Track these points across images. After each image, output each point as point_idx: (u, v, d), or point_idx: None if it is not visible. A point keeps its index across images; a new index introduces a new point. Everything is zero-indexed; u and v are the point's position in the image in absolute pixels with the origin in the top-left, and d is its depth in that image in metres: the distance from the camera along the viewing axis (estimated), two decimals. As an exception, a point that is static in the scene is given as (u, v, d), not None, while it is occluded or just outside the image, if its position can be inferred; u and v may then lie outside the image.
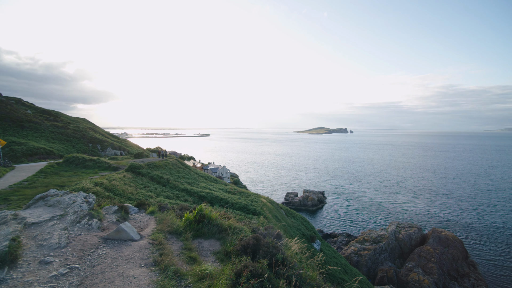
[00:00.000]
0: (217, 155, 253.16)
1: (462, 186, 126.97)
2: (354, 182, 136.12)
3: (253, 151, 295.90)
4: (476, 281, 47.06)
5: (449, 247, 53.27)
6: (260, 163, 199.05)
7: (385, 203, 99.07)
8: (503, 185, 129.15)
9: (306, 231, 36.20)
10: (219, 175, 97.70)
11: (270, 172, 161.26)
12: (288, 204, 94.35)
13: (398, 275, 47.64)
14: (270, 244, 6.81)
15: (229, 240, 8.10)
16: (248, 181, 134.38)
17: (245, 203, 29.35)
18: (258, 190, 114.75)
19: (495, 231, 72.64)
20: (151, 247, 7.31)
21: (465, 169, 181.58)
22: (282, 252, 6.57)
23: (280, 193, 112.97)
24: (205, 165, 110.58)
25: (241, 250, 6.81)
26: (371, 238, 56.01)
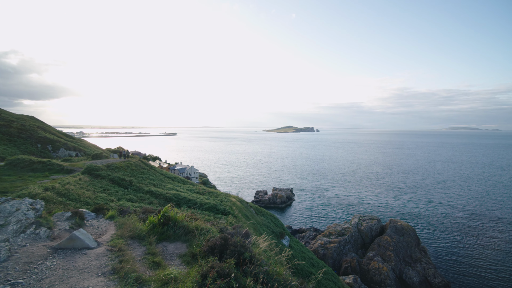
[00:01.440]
0: (185, 154, 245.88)
1: (415, 180, 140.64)
2: (320, 178, 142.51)
3: (223, 150, 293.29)
4: (427, 265, 52.55)
5: (404, 236, 58.65)
6: (229, 162, 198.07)
7: (348, 198, 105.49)
8: (448, 178, 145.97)
9: (275, 228, 36.98)
10: (187, 176, 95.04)
11: (240, 171, 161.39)
12: (258, 203, 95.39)
13: (361, 264, 51.15)
14: (238, 243, 6.82)
15: (195, 242, 7.92)
16: (218, 180, 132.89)
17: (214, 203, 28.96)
18: (227, 189, 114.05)
19: (442, 219, 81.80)
20: (110, 254, 6.84)
21: (417, 164, 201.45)
22: (250, 250, 6.61)
23: (250, 191, 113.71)
24: (172, 166, 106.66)
25: (208, 251, 6.72)
26: (336, 231, 59.23)
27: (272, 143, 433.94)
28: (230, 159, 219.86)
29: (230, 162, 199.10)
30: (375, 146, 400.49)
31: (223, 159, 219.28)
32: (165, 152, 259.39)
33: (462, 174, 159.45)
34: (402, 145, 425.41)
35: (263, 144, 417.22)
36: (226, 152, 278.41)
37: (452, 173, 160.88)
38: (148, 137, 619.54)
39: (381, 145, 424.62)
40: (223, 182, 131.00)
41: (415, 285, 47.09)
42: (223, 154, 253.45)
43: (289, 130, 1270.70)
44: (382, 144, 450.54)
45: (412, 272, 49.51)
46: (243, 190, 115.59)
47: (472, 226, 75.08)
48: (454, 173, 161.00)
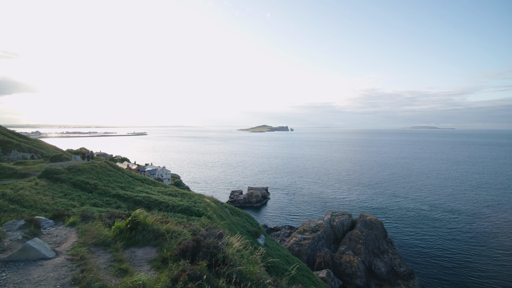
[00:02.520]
0: (156, 155, 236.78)
1: (382, 176, 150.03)
2: (295, 177, 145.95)
3: (196, 150, 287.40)
4: (393, 255, 56.40)
5: (373, 229, 62.32)
6: (204, 163, 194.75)
7: (322, 195, 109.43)
8: (411, 173, 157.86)
9: (251, 228, 37.15)
10: (158, 177, 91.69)
11: (215, 171, 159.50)
12: (233, 202, 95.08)
13: (333, 258, 53.40)
14: (211, 244, 6.75)
15: (166, 246, 7.68)
16: (191, 181, 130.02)
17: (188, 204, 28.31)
18: (202, 190, 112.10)
19: (406, 211, 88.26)
20: (70, 264, 6.37)
21: (384, 161, 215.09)
22: (223, 251, 6.58)
23: (225, 192, 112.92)
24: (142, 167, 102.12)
25: (180, 254, 6.56)
26: (310, 228, 61.14)
27: (247, 143, 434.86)
28: (204, 159, 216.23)
29: (204, 162, 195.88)
30: (346, 144, 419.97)
31: (197, 159, 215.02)
32: (134, 153, 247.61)
33: (423, 169, 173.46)
34: (370, 143, 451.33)
35: (238, 143, 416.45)
36: (200, 152, 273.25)
37: (414, 169, 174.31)
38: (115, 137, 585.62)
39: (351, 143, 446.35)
40: (197, 183, 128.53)
41: (383, 275, 50.30)
42: (197, 154, 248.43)
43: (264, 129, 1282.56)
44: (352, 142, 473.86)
45: (380, 263, 52.80)
46: (218, 191, 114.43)
47: (432, 217, 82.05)
48: (416, 169, 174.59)
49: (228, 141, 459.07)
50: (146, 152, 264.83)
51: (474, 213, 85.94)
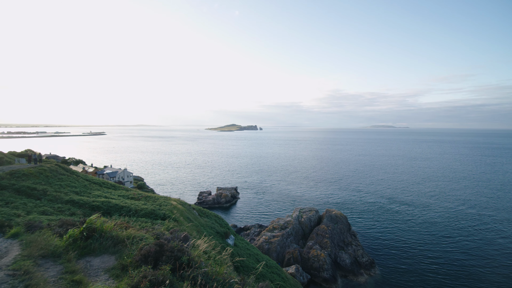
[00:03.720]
0: (117, 156, 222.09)
1: (346, 172, 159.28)
2: (264, 176, 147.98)
3: (162, 151, 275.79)
4: (356, 247, 60.28)
5: (338, 223, 65.90)
6: (170, 164, 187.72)
7: (290, 192, 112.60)
8: (371, 169, 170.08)
9: (220, 229, 36.84)
10: (119, 180, 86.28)
11: (182, 172, 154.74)
12: (202, 204, 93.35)
13: (302, 254, 55.35)
14: (175, 247, 6.59)
15: (126, 252, 7.29)
16: (156, 184, 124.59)
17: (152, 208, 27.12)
18: (168, 192, 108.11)
19: (368, 205, 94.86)
20: (11, 280, 5.72)
21: (348, 158, 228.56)
22: (188, 253, 6.46)
23: (192, 193, 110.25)
24: (100, 170, 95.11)
25: (141, 260, 6.29)
26: (279, 226, 62.56)
27: (216, 142, 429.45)
28: (170, 160, 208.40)
29: (171, 163, 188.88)
30: (313, 143, 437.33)
31: (162, 160, 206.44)
32: (92, 155, 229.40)
33: (382, 165, 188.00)
34: (335, 141, 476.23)
35: (207, 143, 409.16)
36: (165, 152, 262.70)
37: (374, 165, 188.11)
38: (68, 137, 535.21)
39: (318, 142, 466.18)
40: (163, 185, 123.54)
41: (347, 266, 53.49)
42: (162, 155, 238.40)
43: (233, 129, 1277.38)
44: (319, 141, 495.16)
45: (345, 255, 56.07)
46: (185, 192, 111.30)
47: (390, 210, 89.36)
48: (376, 165, 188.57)
49: (196, 141, 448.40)
50: (105, 153, 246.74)
51: (425, 204, 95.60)
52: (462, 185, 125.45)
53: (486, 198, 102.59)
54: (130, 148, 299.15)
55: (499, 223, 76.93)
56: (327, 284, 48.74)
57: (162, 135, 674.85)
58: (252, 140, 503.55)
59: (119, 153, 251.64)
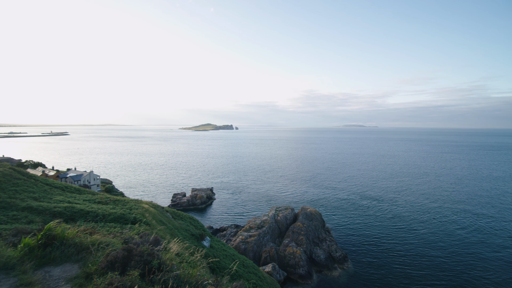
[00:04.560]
0: (82, 158, 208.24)
1: (320, 170, 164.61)
2: (241, 175, 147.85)
3: (132, 151, 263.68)
4: (330, 243, 62.55)
5: (313, 220, 67.90)
6: (141, 165, 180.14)
7: (267, 191, 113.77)
8: (345, 166, 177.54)
9: (195, 231, 36.15)
10: (85, 183, 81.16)
11: (154, 174, 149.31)
12: (176, 206, 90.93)
13: (278, 252, 56.22)
14: (145, 252, 6.36)
15: (91, 260, 6.89)
16: (126, 186, 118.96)
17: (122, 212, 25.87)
18: (139, 195, 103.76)
19: (341, 201, 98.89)
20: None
21: (322, 156, 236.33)
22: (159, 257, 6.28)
23: (166, 195, 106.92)
24: (63, 173, 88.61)
25: (108, 266, 5.99)
26: (255, 225, 62.94)
27: (191, 142, 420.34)
28: (141, 161, 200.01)
29: (142, 165, 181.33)
30: (289, 142, 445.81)
31: (133, 161, 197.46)
32: (53, 157, 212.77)
33: (354, 163, 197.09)
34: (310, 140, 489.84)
35: (181, 143, 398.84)
36: (136, 153, 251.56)
37: (347, 163, 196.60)
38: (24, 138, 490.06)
39: (293, 141, 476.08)
40: (133, 187, 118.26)
41: (322, 262, 55.34)
42: (132, 156, 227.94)
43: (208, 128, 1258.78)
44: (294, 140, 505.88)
45: (319, 251, 57.95)
46: (158, 195, 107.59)
47: (362, 205, 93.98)
48: (348, 163, 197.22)
49: (169, 141, 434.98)
50: (68, 155, 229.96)
51: (393, 199, 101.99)
52: (424, 180, 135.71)
53: (446, 192, 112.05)
54: (97, 149, 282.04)
55: (457, 214, 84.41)
56: (303, 280, 50.04)
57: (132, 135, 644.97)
58: (228, 139, 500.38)
59: (85, 154, 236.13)
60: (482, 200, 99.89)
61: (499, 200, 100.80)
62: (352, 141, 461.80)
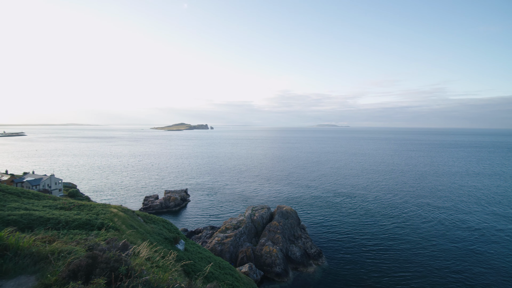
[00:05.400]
0: (41, 161, 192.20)
1: (295, 168, 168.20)
2: (217, 176, 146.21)
3: (100, 153, 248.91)
4: (305, 240, 64.20)
5: (289, 218, 69.19)
6: (109, 167, 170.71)
7: (244, 191, 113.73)
8: (318, 165, 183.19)
9: (168, 234, 35.09)
10: (45, 188, 75.15)
11: (124, 177, 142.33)
12: (148, 209, 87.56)
13: (255, 251, 56.48)
14: (112, 258, 6.04)
15: (51, 270, 6.39)
16: (93, 190, 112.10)
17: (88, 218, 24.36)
18: (107, 199, 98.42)
19: (316, 199, 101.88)
20: None
21: (297, 155, 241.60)
22: (126, 263, 6.00)
23: (137, 198, 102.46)
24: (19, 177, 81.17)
25: (69, 276, 5.59)
26: (232, 226, 62.66)
27: (164, 142, 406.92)
28: (110, 163, 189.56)
29: (110, 167, 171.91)
30: (265, 141, 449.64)
31: (100, 163, 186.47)
32: (7, 160, 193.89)
33: (327, 161, 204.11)
34: (285, 140, 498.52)
35: (153, 143, 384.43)
36: (104, 155, 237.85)
37: (320, 161, 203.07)
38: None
39: (269, 140, 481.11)
40: (101, 191, 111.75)
41: (298, 259, 56.62)
42: (99, 158, 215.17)
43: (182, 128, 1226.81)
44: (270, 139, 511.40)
45: (295, 248, 59.21)
46: (128, 198, 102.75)
47: (335, 202, 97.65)
48: (321, 161, 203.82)
49: (141, 141, 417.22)
50: (24, 158, 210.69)
51: (364, 195, 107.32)
52: (392, 176, 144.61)
53: (411, 188, 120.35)
54: (59, 151, 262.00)
55: (421, 208, 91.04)
56: (279, 278, 50.81)
57: (99, 135, 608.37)
58: (203, 139, 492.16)
59: (44, 157, 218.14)
60: (442, 194, 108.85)
61: (456, 194, 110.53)
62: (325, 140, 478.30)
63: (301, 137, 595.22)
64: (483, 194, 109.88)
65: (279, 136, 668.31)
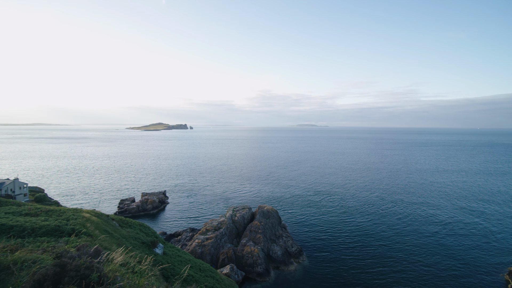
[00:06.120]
0: (3, 164, 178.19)
1: (276, 168, 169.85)
2: (197, 177, 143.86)
3: (71, 155, 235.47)
4: (286, 238, 65.02)
5: (270, 218, 69.70)
6: (81, 169, 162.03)
7: (224, 192, 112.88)
8: (299, 164, 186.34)
9: (146, 238, 33.98)
10: (7, 193, 69.84)
11: (98, 179, 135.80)
12: (124, 213, 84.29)
13: (236, 252, 56.30)
14: (82, 265, 5.73)
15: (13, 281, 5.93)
16: (63, 194, 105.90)
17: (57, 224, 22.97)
18: (79, 204, 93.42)
19: (297, 198, 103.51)
20: None
21: (278, 155, 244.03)
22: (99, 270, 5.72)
23: (112, 202, 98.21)
24: (-23, 182, 74.60)
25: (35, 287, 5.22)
26: (212, 227, 61.99)
27: (140, 143, 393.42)
28: (82, 165, 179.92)
29: (82, 169, 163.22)
30: (246, 141, 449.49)
31: (72, 165, 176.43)
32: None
33: (307, 160, 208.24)
34: (266, 140, 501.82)
35: (129, 144, 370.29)
36: (75, 156, 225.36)
37: (301, 160, 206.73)
38: None
39: (251, 140, 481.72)
40: (72, 195, 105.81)
41: (279, 258, 57.22)
42: (71, 160, 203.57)
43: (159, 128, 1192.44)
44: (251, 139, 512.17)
45: (276, 247, 59.79)
46: (102, 202, 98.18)
47: (315, 201, 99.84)
48: (302, 160, 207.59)
49: (116, 142, 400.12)
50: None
51: (342, 193, 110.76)
52: (367, 174, 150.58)
53: (385, 185, 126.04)
54: (24, 153, 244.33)
55: (396, 205, 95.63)
56: (261, 278, 51.04)
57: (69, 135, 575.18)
58: (182, 140, 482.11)
59: (7, 159, 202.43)
60: (414, 191, 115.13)
61: (427, 190, 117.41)
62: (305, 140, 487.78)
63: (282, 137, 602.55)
64: (451, 190, 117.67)
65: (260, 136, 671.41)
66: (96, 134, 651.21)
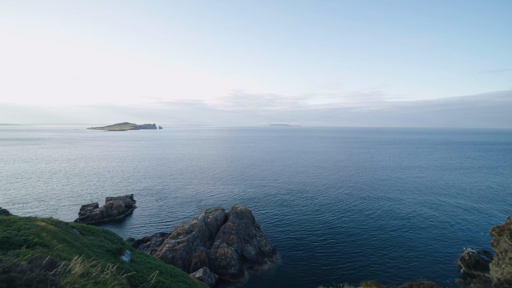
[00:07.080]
0: None
1: (249, 168, 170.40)
2: (167, 179, 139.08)
3: (21, 158, 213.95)
4: (260, 238, 65.50)
5: (243, 218, 69.69)
6: (35, 174, 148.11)
7: (197, 194, 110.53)
8: (273, 164, 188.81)
9: (111, 246, 31.99)
10: None
11: (55, 184, 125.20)
12: (86, 220, 78.74)
13: (209, 255, 55.44)
14: (35, 279, 5.21)
15: None
16: (13, 202, 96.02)
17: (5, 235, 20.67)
18: (33, 212, 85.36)
19: (270, 197, 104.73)
20: None
21: (251, 155, 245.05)
22: (54, 282, 5.23)
23: (71, 208, 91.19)
24: None
25: (-25, 307, 4.62)
26: (184, 230, 60.37)
27: (104, 144, 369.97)
28: (36, 169, 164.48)
29: (37, 173, 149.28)
30: (219, 141, 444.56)
31: (23, 170, 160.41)
32: None
33: (280, 159, 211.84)
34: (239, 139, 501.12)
35: (91, 145, 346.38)
36: (28, 159, 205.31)
37: (274, 160, 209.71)
38: None
39: (223, 140, 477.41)
40: (24, 203, 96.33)
41: (253, 258, 57.45)
42: (21, 163, 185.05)
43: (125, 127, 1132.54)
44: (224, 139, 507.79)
45: (250, 247, 59.95)
46: (60, 209, 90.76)
47: (288, 199, 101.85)
48: (275, 159, 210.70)
49: (76, 143, 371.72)
50: None
51: (314, 192, 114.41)
52: (337, 172, 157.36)
53: (354, 182, 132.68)
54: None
55: (364, 201, 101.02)
56: (235, 279, 50.84)
57: (20, 136, 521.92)
58: (150, 140, 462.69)
59: None
60: (380, 187, 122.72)
61: (392, 186, 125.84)
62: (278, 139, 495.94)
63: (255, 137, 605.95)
64: (412, 185, 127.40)
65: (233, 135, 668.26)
66: (53, 135, 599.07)
